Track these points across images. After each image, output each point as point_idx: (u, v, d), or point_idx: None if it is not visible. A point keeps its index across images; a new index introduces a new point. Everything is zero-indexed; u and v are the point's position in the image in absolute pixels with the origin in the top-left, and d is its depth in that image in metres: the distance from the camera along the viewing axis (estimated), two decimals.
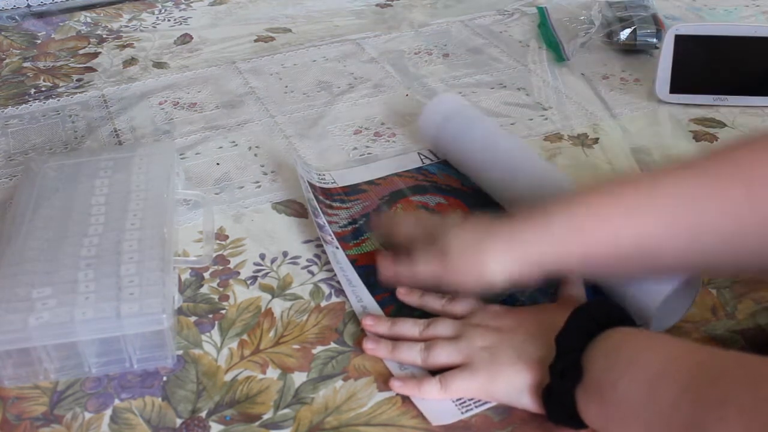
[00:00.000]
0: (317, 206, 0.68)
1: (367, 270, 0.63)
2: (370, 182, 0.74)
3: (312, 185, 0.71)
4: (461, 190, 0.73)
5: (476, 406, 0.51)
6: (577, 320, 0.49)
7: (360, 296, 0.61)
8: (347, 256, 0.65)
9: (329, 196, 0.72)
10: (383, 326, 0.57)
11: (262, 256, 0.66)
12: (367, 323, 0.57)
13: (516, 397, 0.51)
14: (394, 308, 0.60)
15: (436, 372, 0.53)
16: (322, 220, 0.67)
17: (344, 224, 0.69)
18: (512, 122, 0.84)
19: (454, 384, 0.51)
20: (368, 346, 0.56)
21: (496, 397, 0.51)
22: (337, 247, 0.65)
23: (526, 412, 0.51)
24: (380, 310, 0.59)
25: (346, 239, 0.67)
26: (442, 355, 0.53)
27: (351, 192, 0.73)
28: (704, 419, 0.39)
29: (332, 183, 0.74)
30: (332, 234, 0.66)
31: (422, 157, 0.78)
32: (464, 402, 0.52)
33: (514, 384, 0.50)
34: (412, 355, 0.54)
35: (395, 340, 0.56)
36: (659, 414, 0.42)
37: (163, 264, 0.57)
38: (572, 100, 0.88)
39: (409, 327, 0.56)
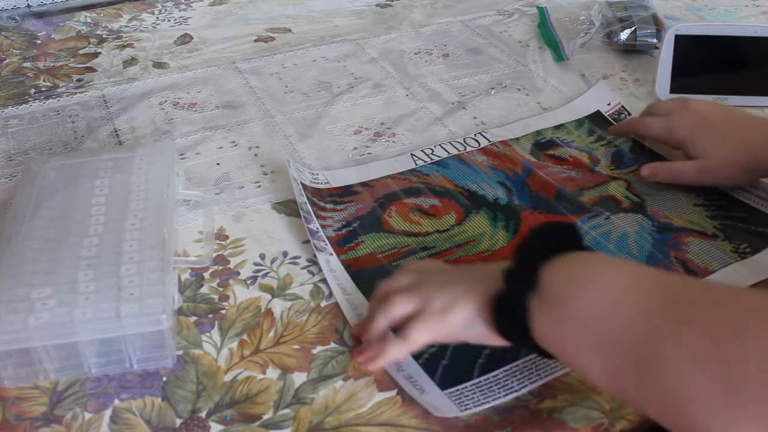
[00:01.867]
0: (310, 210, 0.67)
1: (360, 275, 0.63)
2: (363, 184, 0.74)
3: (304, 186, 0.71)
4: (455, 190, 0.73)
5: (475, 405, 0.51)
6: (540, 235, 0.49)
7: (355, 304, 0.60)
8: (341, 261, 0.64)
9: (321, 197, 0.71)
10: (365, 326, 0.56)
11: (262, 256, 0.66)
12: (357, 332, 0.57)
13: (469, 327, 0.50)
14: None
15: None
16: (315, 225, 0.66)
17: (338, 227, 0.68)
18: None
19: (413, 333, 0.51)
20: (359, 359, 0.55)
21: (452, 332, 0.51)
22: (331, 254, 0.64)
23: (526, 412, 0.51)
24: None
25: (340, 243, 0.66)
26: (400, 307, 0.53)
27: (344, 194, 0.72)
28: (658, 339, 0.39)
29: (325, 183, 0.74)
30: (326, 239, 0.66)
31: (415, 158, 0.78)
32: (462, 402, 0.52)
33: (463, 314, 0.50)
34: (379, 324, 0.54)
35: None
36: (612, 332, 0.41)
37: (163, 264, 0.57)
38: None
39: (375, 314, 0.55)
